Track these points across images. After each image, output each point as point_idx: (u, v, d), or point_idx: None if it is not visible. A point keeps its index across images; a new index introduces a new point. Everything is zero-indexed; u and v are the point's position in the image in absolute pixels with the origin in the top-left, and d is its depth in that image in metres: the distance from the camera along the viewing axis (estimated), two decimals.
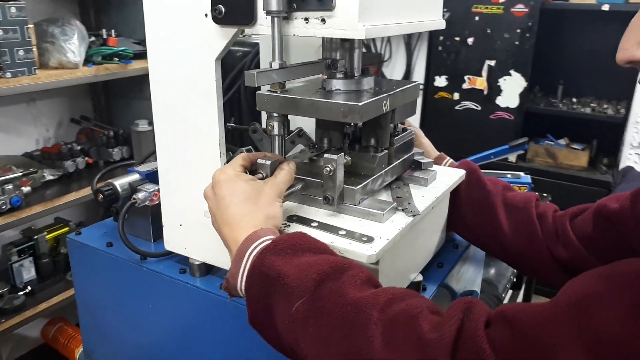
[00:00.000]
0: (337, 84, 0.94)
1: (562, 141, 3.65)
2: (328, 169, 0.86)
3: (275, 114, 0.92)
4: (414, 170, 1.09)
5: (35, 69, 1.96)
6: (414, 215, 0.90)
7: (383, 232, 0.85)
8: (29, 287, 2.22)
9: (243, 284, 0.73)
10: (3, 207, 1.93)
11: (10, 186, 1.98)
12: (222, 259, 1.02)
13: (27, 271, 2.25)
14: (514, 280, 2.42)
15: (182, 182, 1.04)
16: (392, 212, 0.91)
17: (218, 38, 0.88)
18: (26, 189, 2.05)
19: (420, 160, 1.10)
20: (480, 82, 3.72)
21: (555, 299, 0.56)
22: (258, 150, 1.08)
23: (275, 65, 0.82)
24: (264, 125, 1.11)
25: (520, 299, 2.48)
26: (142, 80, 2.34)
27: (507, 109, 3.65)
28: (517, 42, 3.51)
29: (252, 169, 0.87)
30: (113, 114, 2.82)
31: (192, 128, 0.98)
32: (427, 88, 3.98)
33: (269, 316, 0.70)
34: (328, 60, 0.94)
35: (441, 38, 3.82)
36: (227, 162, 0.93)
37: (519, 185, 2.72)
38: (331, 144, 0.99)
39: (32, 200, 2.08)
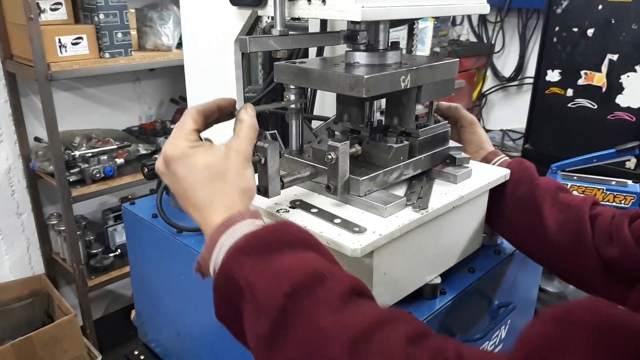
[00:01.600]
0: (358, 56, 0.90)
1: None
2: (330, 156, 0.83)
3: (292, 86, 0.91)
4: (447, 166, 1.01)
5: (132, 51, 2.13)
6: (422, 212, 0.84)
7: (381, 226, 0.80)
8: (119, 250, 2.44)
9: (213, 276, 0.67)
10: (97, 175, 2.14)
11: (105, 157, 2.18)
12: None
13: (120, 235, 2.47)
14: None
15: None
16: (399, 207, 0.85)
17: (235, 19, 0.89)
18: (120, 161, 2.25)
19: (455, 155, 1.02)
20: (599, 78, 3.35)
21: (512, 353, 0.51)
22: (276, 135, 1.07)
23: (276, 32, 0.80)
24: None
25: None
26: None
27: (628, 109, 3.25)
28: None
29: (207, 123, 0.78)
30: None
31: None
32: (538, 83, 3.68)
33: (236, 318, 0.63)
34: (347, 31, 0.90)
35: (557, 29, 3.50)
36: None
37: (624, 194, 2.43)
38: (350, 121, 0.95)
39: (124, 171, 2.28)
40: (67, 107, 2.51)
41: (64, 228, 2.24)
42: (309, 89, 1.18)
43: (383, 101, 1.05)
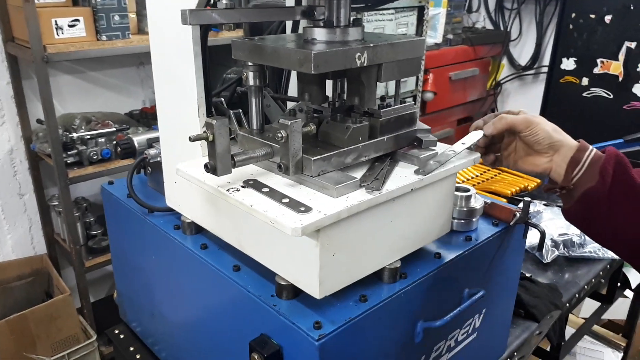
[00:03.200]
0: (316, 33, 0.88)
1: None
2: (280, 135, 0.81)
3: (249, 63, 0.90)
4: (413, 148, 0.99)
5: (129, 34, 2.14)
6: (374, 193, 0.82)
7: (328, 206, 0.78)
8: None
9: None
10: (94, 157, 2.16)
11: (104, 139, 2.20)
12: (207, 220, 1.03)
13: None
14: (603, 291, 2.11)
15: (172, 140, 1.06)
16: (351, 188, 0.83)
17: None
18: None
19: (422, 138, 0.99)
20: (616, 67, 3.24)
21: None
22: (241, 115, 1.05)
23: (221, 4, 0.78)
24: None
25: (609, 314, 2.16)
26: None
27: None
28: None
29: None
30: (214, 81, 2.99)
31: (177, 87, 0.99)
32: (553, 71, 3.59)
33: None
34: (303, 7, 0.88)
35: (573, 15, 3.39)
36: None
37: None
38: (310, 100, 0.93)
39: None
40: (71, 90, 2.54)
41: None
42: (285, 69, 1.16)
43: None
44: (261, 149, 0.89)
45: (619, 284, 2.07)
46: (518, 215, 1.14)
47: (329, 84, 0.96)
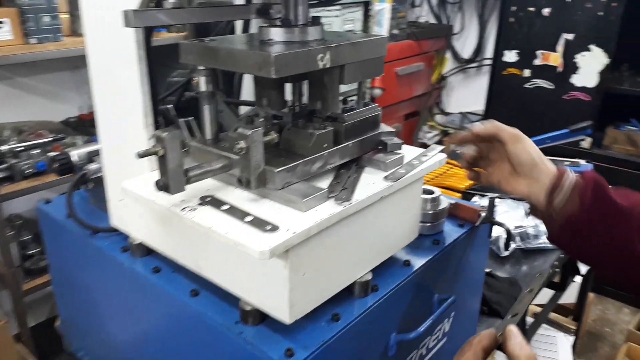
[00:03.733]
0: (273, 33, 0.81)
1: None
2: (239, 146, 0.74)
3: (201, 68, 0.82)
4: (378, 152, 0.93)
5: (62, 36, 1.98)
6: (344, 204, 0.76)
7: (297, 222, 0.72)
8: None
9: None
10: (28, 172, 2.00)
11: (38, 151, 2.03)
12: (159, 241, 0.94)
13: None
14: (556, 279, 2.16)
15: (115, 154, 0.96)
16: (320, 200, 0.77)
17: None
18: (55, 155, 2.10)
19: (387, 141, 0.94)
20: (555, 58, 3.34)
21: None
22: (192, 123, 0.97)
23: (168, 4, 0.70)
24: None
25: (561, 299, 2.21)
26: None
27: (583, 89, 3.25)
28: (601, 13, 3.09)
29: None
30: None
31: (119, 95, 0.90)
32: (496, 64, 3.65)
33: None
34: (258, 4, 0.80)
35: (514, 8, 3.46)
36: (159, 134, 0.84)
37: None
38: (269, 105, 0.86)
39: None
40: None
41: None
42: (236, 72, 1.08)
43: None
44: (217, 161, 0.81)
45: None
46: (483, 214, 1.11)
47: (287, 86, 0.89)
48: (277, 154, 0.82)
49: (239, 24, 1.10)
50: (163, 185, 0.74)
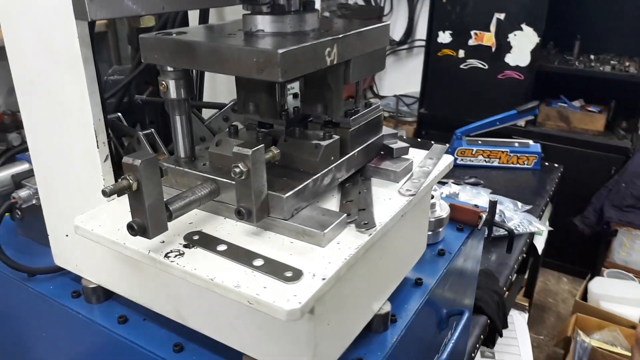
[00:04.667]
0: (261, 22, 0.64)
1: (577, 103, 3.31)
2: (238, 170, 0.57)
3: (168, 68, 0.63)
4: (383, 159, 0.80)
5: None
6: (369, 232, 0.62)
7: (321, 262, 0.57)
8: None
9: None
10: None
11: None
12: (124, 285, 0.75)
13: None
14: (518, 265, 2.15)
15: (58, 178, 0.76)
16: (339, 228, 0.62)
17: None
18: None
19: (392, 146, 0.80)
20: (488, 38, 3.35)
21: None
22: (155, 136, 0.79)
23: None
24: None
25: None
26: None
27: (517, 68, 3.29)
28: None
29: None
30: None
31: (59, 107, 0.69)
32: (430, 45, 3.62)
33: None
34: None
35: None
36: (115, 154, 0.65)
37: (527, 154, 2.43)
38: (259, 113, 0.70)
39: None
40: None
41: None
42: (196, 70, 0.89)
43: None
44: (201, 187, 0.64)
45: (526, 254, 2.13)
46: (484, 217, 1.02)
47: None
48: (275, 172, 0.66)
49: (193, 14, 0.91)
50: (139, 229, 0.56)
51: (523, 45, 3.29)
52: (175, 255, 0.59)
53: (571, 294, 3.24)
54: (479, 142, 2.40)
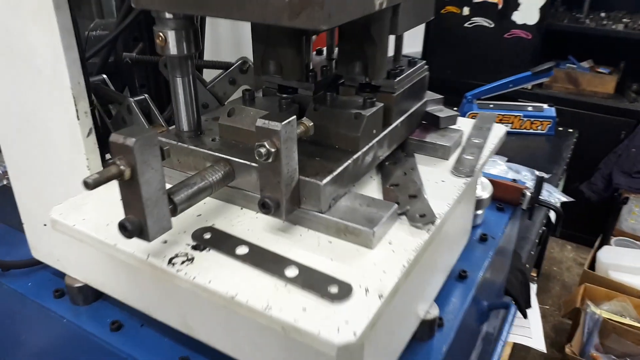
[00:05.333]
0: None
1: (586, 64, 3.17)
2: (264, 150, 0.43)
3: (167, 15, 0.49)
4: (427, 131, 0.66)
5: None
6: (427, 227, 0.49)
7: (373, 272, 0.44)
8: None
9: None
10: None
11: None
12: (114, 284, 0.62)
13: None
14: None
15: (32, 157, 0.61)
16: (390, 223, 0.49)
17: None
18: None
19: (438, 114, 0.66)
20: None
21: None
22: (149, 103, 0.64)
23: None
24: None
25: None
26: None
27: (524, 27, 3.11)
28: None
29: None
30: None
31: (27, 67, 0.54)
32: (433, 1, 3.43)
33: None
34: None
35: None
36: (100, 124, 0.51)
37: (540, 119, 2.29)
38: (282, 73, 0.55)
39: None
40: None
41: None
42: (197, 18, 0.73)
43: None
44: (212, 169, 0.49)
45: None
46: (529, 194, 0.89)
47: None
48: (305, 151, 0.52)
49: None
50: (135, 229, 0.42)
51: (531, 2, 3.12)
52: (183, 262, 0.45)
53: (576, 262, 3.18)
54: (491, 105, 2.26)
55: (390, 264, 0.44)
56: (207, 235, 0.48)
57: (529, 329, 1.98)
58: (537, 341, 2.02)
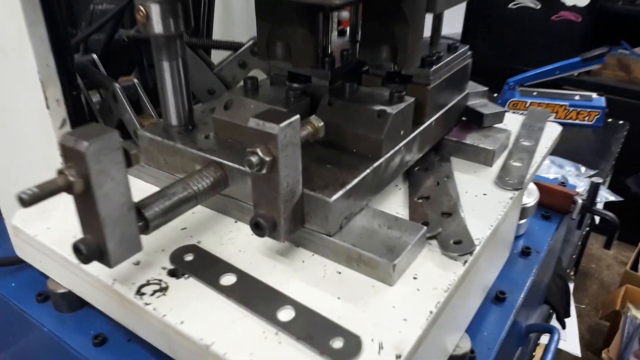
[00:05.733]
0: None
1: (639, 50, 2.95)
2: (255, 159, 0.33)
3: None
4: (467, 130, 0.55)
5: None
6: (464, 258, 0.39)
7: (392, 319, 0.34)
8: None
9: None
10: None
11: None
12: (97, 295, 0.54)
13: None
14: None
15: (3, 149, 0.53)
16: (416, 251, 0.39)
17: None
18: None
19: (481, 110, 0.55)
20: None
21: None
22: (138, 89, 0.55)
23: None
24: None
25: None
26: None
27: (574, 8, 2.91)
28: None
29: None
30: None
31: None
32: None
33: None
34: None
35: None
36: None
37: (588, 109, 2.12)
38: (290, 58, 0.45)
39: None
40: None
41: None
42: None
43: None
44: (199, 176, 0.40)
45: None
46: (580, 202, 0.77)
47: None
48: (314, 156, 0.42)
49: None
50: (92, 253, 0.33)
51: None
52: (154, 292, 0.36)
53: (617, 260, 3.00)
54: (534, 93, 2.10)
55: (413, 308, 0.35)
56: (189, 257, 0.39)
57: (563, 330, 1.85)
58: (571, 344, 1.89)
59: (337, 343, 0.32)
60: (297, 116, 0.34)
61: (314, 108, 0.45)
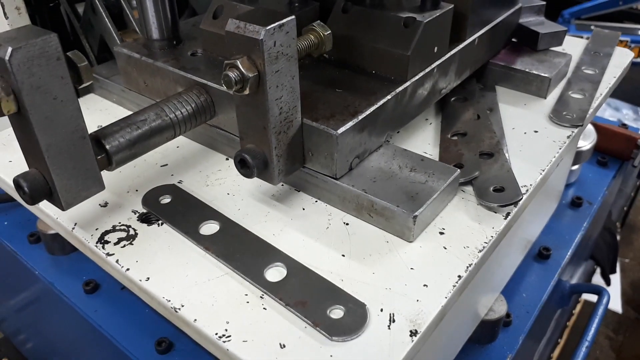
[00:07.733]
0: None
1: None
2: (233, 75, 0.25)
3: None
4: (518, 54, 0.45)
5: None
6: (506, 210, 0.30)
7: (408, 285, 0.26)
8: None
9: None
10: None
11: None
12: None
13: None
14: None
15: None
16: (445, 199, 0.31)
17: None
18: None
19: (535, 28, 0.45)
20: None
21: None
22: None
23: None
24: None
25: None
26: None
27: None
28: None
29: None
30: None
31: None
32: None
33: None
34: None
35: None
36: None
37: None
38: None
39: None
40: None
41: None
42: None
43: None
44: (179, 98, 0.33)
45: None
46: None
47: None
48: (321, 77, 0.34)
49: None
50: (36, 191, 0.27)
51: None
52: (120, 240, 0.30)
53: None
54: (592, 27, 1.91)
55: (437, 272, 0.27)
56: (166, 199, 0.32)
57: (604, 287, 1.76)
58: (612, 300, 1.80)
59: (337, 312, 0.25)
60: (292, 17, 0.26)
61: (326, 17, 0.36)
